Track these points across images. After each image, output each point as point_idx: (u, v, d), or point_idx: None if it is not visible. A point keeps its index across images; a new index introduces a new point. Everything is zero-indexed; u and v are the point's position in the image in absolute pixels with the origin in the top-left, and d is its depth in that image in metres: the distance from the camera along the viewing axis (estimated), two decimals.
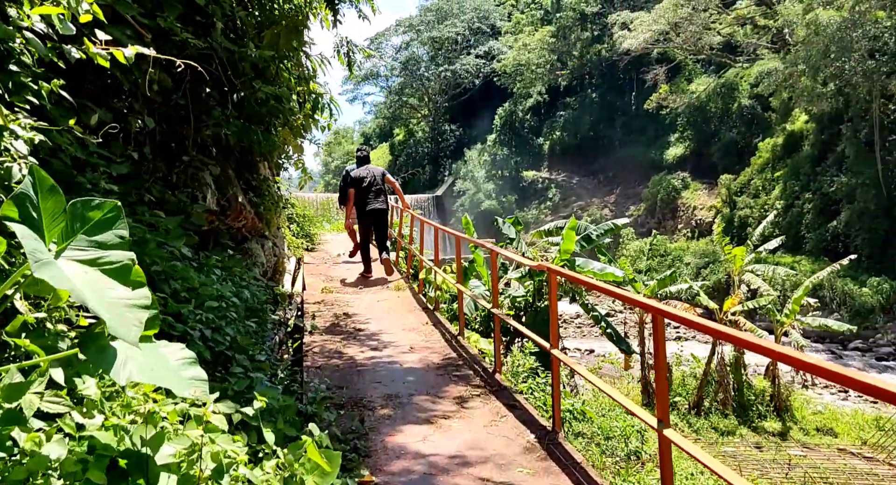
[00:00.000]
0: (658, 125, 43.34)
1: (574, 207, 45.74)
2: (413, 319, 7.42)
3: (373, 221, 10.46)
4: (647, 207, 42.18)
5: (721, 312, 13.38)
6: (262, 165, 8.22)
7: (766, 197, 34.52)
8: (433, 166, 54.03)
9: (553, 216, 46.20)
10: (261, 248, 7.74)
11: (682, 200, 40.33)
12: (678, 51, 38.43)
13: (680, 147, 42.07)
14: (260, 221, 7.69)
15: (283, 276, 8.30)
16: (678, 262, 37.17)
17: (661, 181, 40.74)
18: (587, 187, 46.49)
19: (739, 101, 37.85)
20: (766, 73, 32.48)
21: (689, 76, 41.43)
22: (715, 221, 37.10)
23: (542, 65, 46.30)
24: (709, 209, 39.00)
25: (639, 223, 42.28)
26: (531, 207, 46.93)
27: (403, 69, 53.22)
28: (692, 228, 39.25)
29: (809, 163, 32.53)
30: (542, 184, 47.78)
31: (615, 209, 44.51)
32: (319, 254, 12.74)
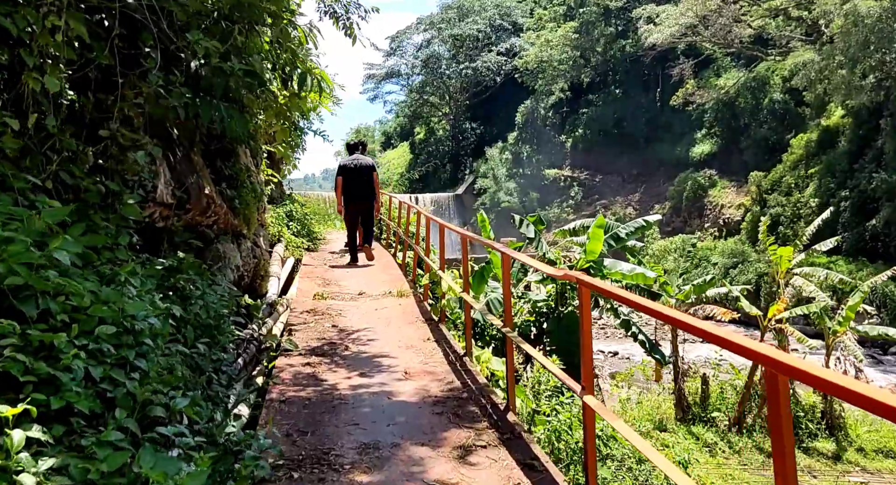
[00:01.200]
0: (684, 122, 41.56)
1: (597, 205, 44.11)
2: (413, 333, 6.12)
3: (358, 212, 10.71)
4: (673, 205, 40.45)
5: (765, 318, 11.90)
6: (242, 153, 6.98)
7: (800, 195, 32.62)
8: (454, 165, 52.68)
9: (575, 215, 44.60)
10: (236, 248, 6.49)
11: (709, 199, 38.55)
12: (706, 44, 36.64)
13: (707, 144, 40.26)
14: (235, 217, 6.44)
15: (265, 280, 7.05)
16: (705, 261, 35.53)
17: (688, 179, 38.99)
18: (610, 186, 44.84)
19: (771, 95, 35.97)
20: (802, 65, 30.63)
21: (717, 71, 39.58)
22: (745, 220, 35.39)
23: (564, 61, 44.72)
24: (737, 208, 37.20)
25: (664, 222, 40.50)
26: (553, 205, 45.40)
27: (424, 67, 51.91)
28: (719, 227, 37.49)
29: (846, 159, 30.61)
30: (565, 182, 46.23)
31: (639, 208, 42.82)
32: (321, 254, 11.50)
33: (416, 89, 54.29)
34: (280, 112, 6.93)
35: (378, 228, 13.91)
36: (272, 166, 12.43)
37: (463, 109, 52.69)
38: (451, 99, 52.99)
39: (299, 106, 6.99)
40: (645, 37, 37.37)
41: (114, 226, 4.19)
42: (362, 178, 10.66)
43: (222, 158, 6.61)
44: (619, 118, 44.66)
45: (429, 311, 7.02)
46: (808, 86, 31.32)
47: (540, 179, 46.43)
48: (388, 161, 59.72)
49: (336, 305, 7.43)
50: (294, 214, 11.61)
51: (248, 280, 6.55)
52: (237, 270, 6.28)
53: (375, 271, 9.90)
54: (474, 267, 12.48)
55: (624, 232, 11.98)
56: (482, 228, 12.46)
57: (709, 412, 12.38)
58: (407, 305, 7.37)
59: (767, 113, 36.26)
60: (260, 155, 7.45)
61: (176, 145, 5.61)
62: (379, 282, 8.87)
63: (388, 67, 54.41)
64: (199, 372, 4.11)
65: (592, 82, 45.89)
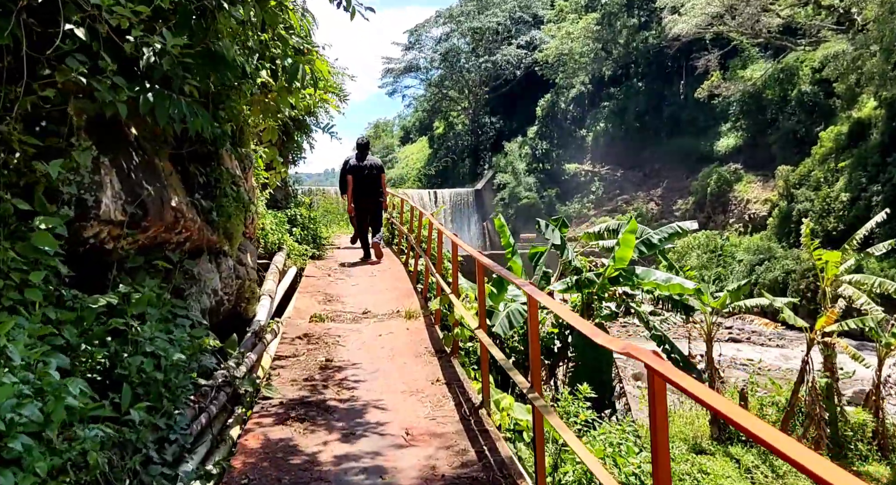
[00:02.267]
0: (708, 115, 39.97)
1: (618, 200, 42.73)
2: (420, 372, 5.04)
3: (367, 211, 10.79)
4: (696, 200, 38.97)
5: (812, 331, 10.67)
6: (227, 157, 5.94)
7: (829, 189, 31.00)
8: (473, 159, 51.43)
9: (596, 210, 43.24)
10: (215, 269, 5.46)
11: (735, 194, 37.02)
12: (733, 35, 34.97)
13: (732, 137, 38.66)
14: (213, 231, 5.41)
15: (253, 303, 6.02)
16: (730, 258, 34.13)
17: (712, 173, 37.46)
18: (632, 180, 43.37)
19: (799, 87, 34.29)
20: (833, 55, 28.98)
21: (743, 62, 37.86)
22: (771, 215, 33.83)
23: (585, 54, 43.24)
24: (763, 203, 35.66)
25: (687, 217, 39.01)
26: (573, 200, 44.06)
27: (443, 61, 50.60)
28: (745, 223, 35.98)
29: (878, 152, 28.96)
30: (585, 177, 44.84)
31: (661, 203, 41.39)
32: (327, 263, 10.43)
33: (435, 83, 53.02)
34: (267, 108, 5.88)
35: (390, 233, 12.85)
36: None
37: (482, 104, 51.36)
38: (471, 93, 51.69)
39: (290, 101, 5.93)
40: (669, 27, 35.83)
41: (25, 258, 3.19)
42: (372, 178, 10.78)
43: (200, 162, 5.58)
44: (641, 112, 43.14)
45: (440, 340, 5.94)
46: (839, 76, 29.68)
47: (560, 173, 45.11)
48: (406, 156, 58.61)
49: (335, 328, 6.39)
50: (298, 218, 10.57)
51: (229, 305, 5.53)
52: (215, 295, 5.25)
53: (384, 283, 8.86)
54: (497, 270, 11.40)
55: (657, 238, 10.82)
56: (500, 234, 11.36)
57: None
58: (415, 331, 6.29)
59: (796, 105, 34.60)
60: (248, 158, 6.41)
61: (133, 148, 4.58)
62: (387, 298, 7.81)
63: (407, 61, 53.17)
64: (134, 451, 3.09)
65: (614, 75, 44.36)
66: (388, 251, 11.65)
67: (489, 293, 11.43)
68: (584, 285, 10.73)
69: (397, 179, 54.18)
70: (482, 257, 4.50)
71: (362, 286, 8.57)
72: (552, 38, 45.49)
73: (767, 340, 27.25)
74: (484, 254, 15.88)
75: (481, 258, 4.48)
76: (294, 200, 11.38)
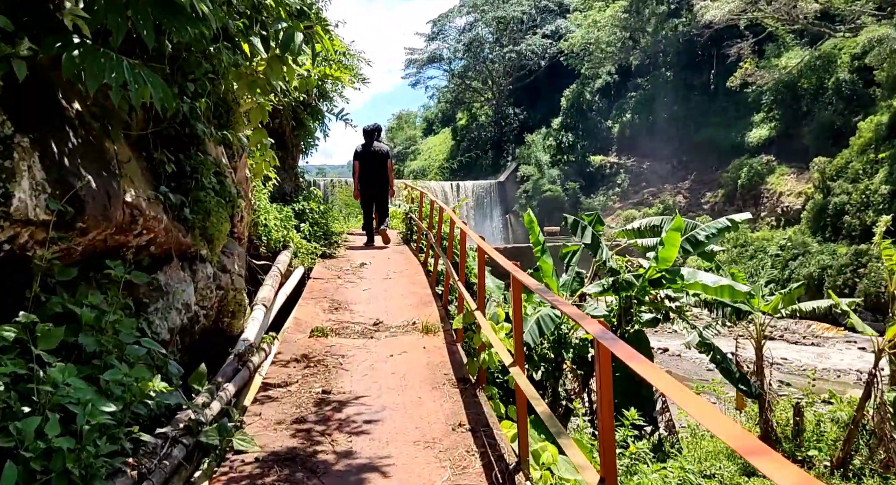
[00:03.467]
0: (740, 105, 38.17)
1: (644, 193, 41.13)
2: (439, 411, 3.89)
3: (373, 197, 10.92)
4: (726, 193, 37.32)
5: (884, 340, 9.35)
6: (209, 143, 4.85)
7: (868, 182, 29.23)
8: (496, 151, 50.04)
9: (622, 203, 41.71)
10: (189, 277, 4.39)
11: (767, 186, 35.30)
12: (768, 21, 33.14)
13: (765, 128, 36.84)
14: (187, 232, 4.33)
15: (239, 317, 4.94)
16: (761, 252, 32.57)
17: (743, 165, 35.78)
18: (659, 173, 41.73)
19: (837, 75, 32.40)
20: (876, 41, 27.14)
21: (778, 50, 35.98)
22: (805, 208, 32.13)
23: (612, 43, 41.55)
24: (797, 195, 33.95)
25: (716, 211, 37.40)
26: (598, 193, 42.56)
27: (467, 51, 49.13)
28: (777, 216, 34.28)
29: None
30: (611, 169, 43.29)
31: (689, 196, 39.73)
32: (338, 262, 9.31)
33: (458, 74, 51.58)
34: (255, 82, 4.77)
35: (408, 228, 11.73)
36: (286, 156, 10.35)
37: (506, 94, 49.87)
38: (494, 84, 50.22)
39: (283, 75, 4.81)
40: (701, 14, 34.08)
41: None
42: (378, 164, 10.82)
43: (174, 147, 4.50)
44: (668, 102, 41.44)
45: (463, 364, 4.80)
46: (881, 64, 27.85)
47: (585, 165, 43.61)
48: (429, 148, 57.31)
49: (339, 346, 5.30)
50: (307, 212, 9.47)
51: (207, 321, 4.46)
52: (187, 311, 4.17)
53: (399, 287, 7.73)
54: None
55: (703, 234, 9.56)
56: (529, 230, 10.18)
57: (804, 451, 9.92)
58: (433, 350, 5.16)
59: (833, 94, 32.75)
60: (241, 144, 5.31)
61: (73, 127, 3.52)
62: (402, 305, 6.70)
63: (430, 52, 51.74)
64: None
65: (641, 65, 42.63)
66: (406, 249, 10.56)
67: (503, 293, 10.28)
68: (621, 288, 9.53)
69: (419, 171, 53.01)
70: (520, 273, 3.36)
71: (375, 291, 7.46)
72: (578, 27, 43.86)
73: (802, 339, 25.72)
74: (507, 247, 14.97)
75: (519, 274, 3.34)
76: (303, 192, 10.31)
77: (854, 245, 27.67)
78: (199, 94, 4.19)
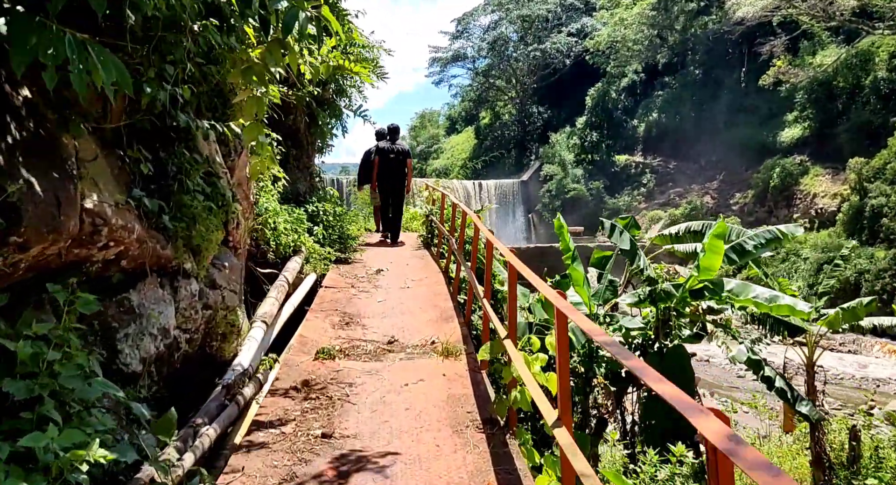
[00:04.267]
0: (771, 104, 36.80)
1: (671, 193, 39.91)
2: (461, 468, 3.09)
3: (390, 194, 10.99)
4: (756, 194, 36.01)
5: None
6: (200, 139, 4.17)
7: None
8: (519, 150, 49.08)
9: (647, 204, 40.55)
10: (170, 296, 3.70)
11: (800, 187, 33.94)
12: (803, 18, 31.79)
13: (797, 128, 35.45)
14: (167, 243, 3.65)
15: (230, 340, 4.26)
16: (794, 255, 31.27)
17: (775, 165, 34.45)
18: (686, 173, 40.48)
19: (875, 74, 30.99)
20: None
21: (813, 47, 34.57)
22: (840, 211, 30.80)
23: (639, 41, 40.38)
24: (832, 197, 32.60)
25: (745, 212, 36.16)
26: (623, 193, 41.43)
27: (491, 50, 48.21)
28: (811, 218, 32.92)
29: None
30: (636, 169, 42.11)
31: (717, 197, 38.43)
32: (353, 269, 8.60)
33: (481, 72, 50.69)
34: (250, 68, 4.07)
35: (428, 232, 10.99)
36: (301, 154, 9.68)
37: (530, 93, 48.85)
38: (518, 82, 49.25)
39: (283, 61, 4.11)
40: (732, 11, 32.86)
41: None
42: (399, 162, 10.85)
43: (158, 143, 3.83)
44: (697, 101, 40.16)
45: (489, 401, 4.03)
46: None
47: (609, 165, 42.50)
48: (452, 146, 56.48)
49: (347, 370, 4.58)
50: (321, 215, 8.75)
51: (191, 347, 3.78)
52: (164, 336, 3.49)
53: (418, 299, 6.99)
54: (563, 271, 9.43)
55: (752, 244, 8.70)
56: (559, 236, 9.39)
57: (861, 478, 8.99)
58: (455, 379, 4.41)
59: (870, 93, 31.34)
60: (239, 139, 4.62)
61: (17, 118, 2.85)
62: (421, 320, 5.97)
63: (454, 50, 50.91)
64: None
65: (669, 63, 41.39)
66: (426, 254, 9.81)
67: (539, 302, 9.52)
68: (659, 299, 8.69)
69: (441, 170, 52.25)
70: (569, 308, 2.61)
71: (391, 302, 6.74)
72: (604, 25, 42.75)
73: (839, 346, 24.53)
74: (530, 247, 14.03)
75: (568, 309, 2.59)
76: (317, 193, 9.61)
77: (893, 249, 26.38)
78: (183, 81, 3.50)
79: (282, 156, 7.88)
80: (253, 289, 5.95)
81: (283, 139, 8.81)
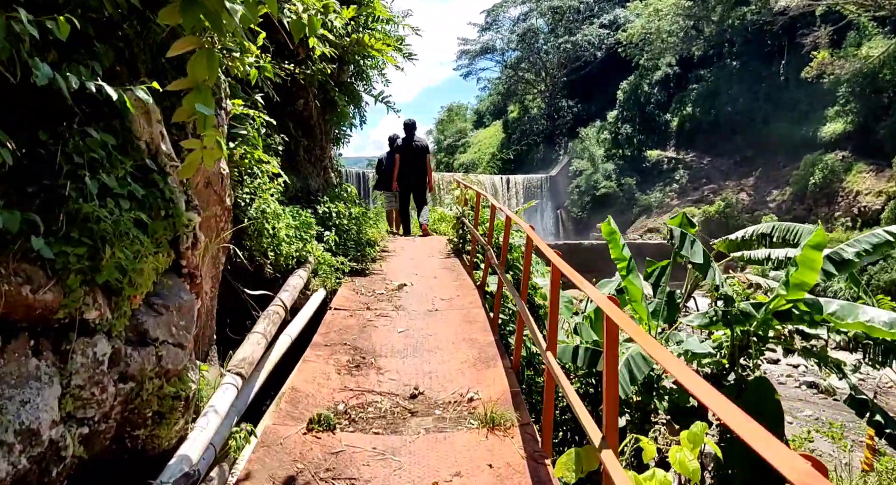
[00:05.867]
0: (812, 98, 34.35)
1: (704, 190, 37.70)
2: None
3: (411, 190, 10.99)
4: (795, 191, 33.69)
5: None
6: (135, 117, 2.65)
7: None
8: (548, 145, 47.07)
9: (679, 200, 38.37)
10: (54, 370, 2.18)
11: (842, 184, 31.59)
12: (850, 7, 29.38)
13: (839, 122, 33.03)
14: (47, 282, 2.13)
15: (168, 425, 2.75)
16: None
17: (816, 162, 32.15)
18: (720, 169, 38.23)
19: None
20: None
21: (859, 38, 32.09)
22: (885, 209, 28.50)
23: (674, 33, 38.12)
24: (877, 195, 30.25)
25: (783, 210, 33.88)
26: (654, 189, 39.31)
27: (521, 42, 46.13)
28: (853, 217, 30.62)
29: None
30: (668, 164, 39.93)
31: (753, 194, 36.14)
32: (371, 282, 6.99)
33: (510, 65, 48.67)
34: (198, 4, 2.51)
35: (460, 237, 9.23)
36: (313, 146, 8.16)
37: (559, 86, 46.74)
38: (548, 75, 47.15)
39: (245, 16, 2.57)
40: (774, 1, 30.55)
41: None
42: (419, 157, 10.74)
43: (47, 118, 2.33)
44: (733, 94, 37.81)
45: None
46: None
47: (641, 160, 40.38)
48: (479, 141, 54.61)
49: (350, 454, 3.04)
50: (333, 217, 7.14)
51: (92, 447, 2.30)
52: (30, 442, 2.01)
53: (449, 327, 5.33)
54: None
55: (852, 251, 6.99)
56: (610, 243, 7.75)
57: None
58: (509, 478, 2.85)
59: None
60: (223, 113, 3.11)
61: None
62: (453, 362, 4.35)
63: (483, 43, 48.94)
64: None
65: (704, 55, 39.04)
66: (457, 263, 8.13)
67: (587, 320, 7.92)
68: (736, 321, 7.03)
69: (469, 164, 50.46)
70: None
71: (415, 333, 5.12)
72: (637, 16, 40.50)
73: None
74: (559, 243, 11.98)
75: None
76: (331, 191, 7.99)
77: None
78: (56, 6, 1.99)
79: (284, 146, 6.37)
80: (238, 319, 4.48)
81: (293, 128, 7.30)
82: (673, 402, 7.23)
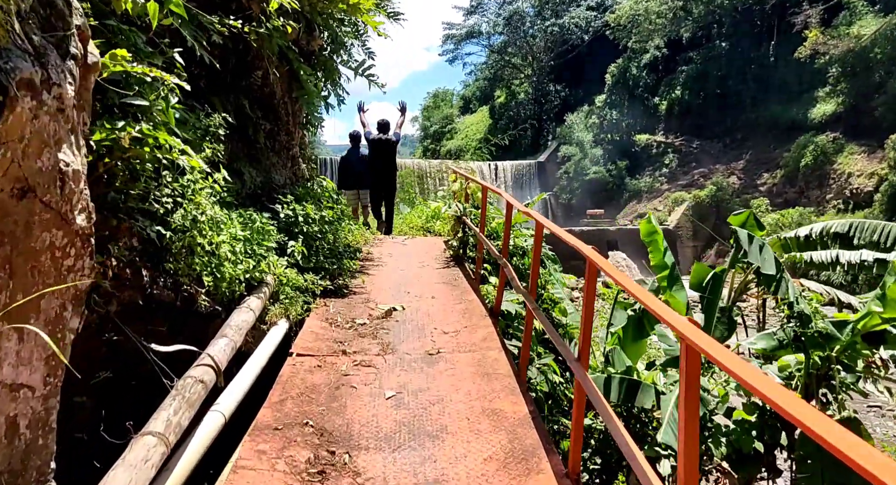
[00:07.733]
0: (802, 79, 32.83)
1: (694, 174, 36.19)
2: None
3: (382, 187, 10.30)
4: (786, 174, 32.31)
5: None
6: None
7: None
8: (535, 130, 45.24)
9: (670, 185, 36.83)
10: None
11: (834, 166, 30.22)
12: None
13: (831, 103, 31.57)
14: None
15: None
16: None
17: (807, 143, 30.74)
18: (710, 152, 36.72)
19: None
20: None
21: (850, 17, 30.54)
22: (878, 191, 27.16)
23: (662, 14, 36.32)
24: (868, 176, 28.91)
25: (774, 193, 32.52)
26: (644, 174, 37.77)
27: (507, 26, 44.03)
28: (845, 199, 29.30)
29: None
30: (658, 149, 38.34)
31: (744, 177, 34.69)
32: (350, 305, 5.12)
33: (497, 50, 46.60)
34: None
35: (461, 241, 7.26)
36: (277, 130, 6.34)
37: (547, 71, 44.78)
38: (535, 59, 45.16)
39: None
40: None
41: None
42: (388, 153, 10.15)
43: None
44: (722, 76, 36.18)
45: None
46: None
47: (630, 145, 38.74)
48: (466, 127, 52.56)
49: None
50: (300, 222, 5.22)
51: None
52: None
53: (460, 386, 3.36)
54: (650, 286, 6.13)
55: None
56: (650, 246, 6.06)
57: None
58: None
59: None
60: None
61: None
62: (473, 462, 2.63)
63: (469, 27, 46.73)
64: None
65: (693, 37, 37.30)
66: (458, 274, 6.24)
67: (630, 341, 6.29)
68: (812, 344, 5.39)
69: (455, 151, 48.51)
70: None
71: (411, 401, 3.19)
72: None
73: None
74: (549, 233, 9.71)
75: None
76: (299, 187, 6.09)
77: None
78: None
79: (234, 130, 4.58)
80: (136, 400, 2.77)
81: (248, 107, 5.49)
82: (733, 447, 5.60)
